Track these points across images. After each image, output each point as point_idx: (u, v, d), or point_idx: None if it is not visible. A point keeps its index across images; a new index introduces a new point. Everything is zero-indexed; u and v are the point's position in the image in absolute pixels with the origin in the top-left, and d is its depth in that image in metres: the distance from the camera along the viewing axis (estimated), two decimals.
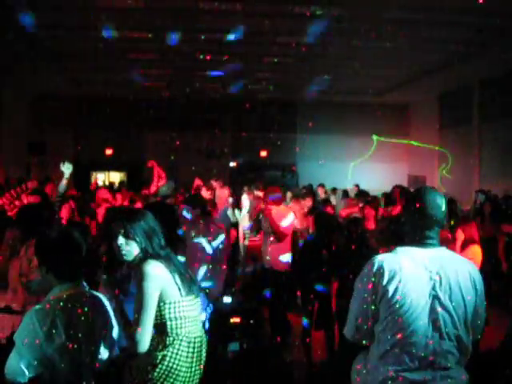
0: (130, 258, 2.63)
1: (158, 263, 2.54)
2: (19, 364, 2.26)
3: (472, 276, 2.27)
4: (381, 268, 2.20)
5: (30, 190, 5.96)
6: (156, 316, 2.51)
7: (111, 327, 2.56)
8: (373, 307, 2.20)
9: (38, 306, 2.35)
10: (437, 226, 2.30)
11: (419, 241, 2.29)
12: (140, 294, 2.46)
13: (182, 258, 3.36)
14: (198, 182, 8.73)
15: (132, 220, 2.65)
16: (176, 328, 2.53)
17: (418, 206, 2.29)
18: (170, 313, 2.53)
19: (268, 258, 5.87)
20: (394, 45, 11.02)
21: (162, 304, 2.51)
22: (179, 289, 2.57)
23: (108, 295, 2.64)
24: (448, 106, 16.95)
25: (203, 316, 3.70)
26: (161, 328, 2.53)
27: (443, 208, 2.31)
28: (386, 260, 2.23)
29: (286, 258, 5.87)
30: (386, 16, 9.42)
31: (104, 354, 2.49)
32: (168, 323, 2.52)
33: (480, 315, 2.28)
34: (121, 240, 2.61)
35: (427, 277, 2.20)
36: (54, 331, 2.27)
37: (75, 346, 2.30)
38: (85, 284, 2.52)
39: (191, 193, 7.79)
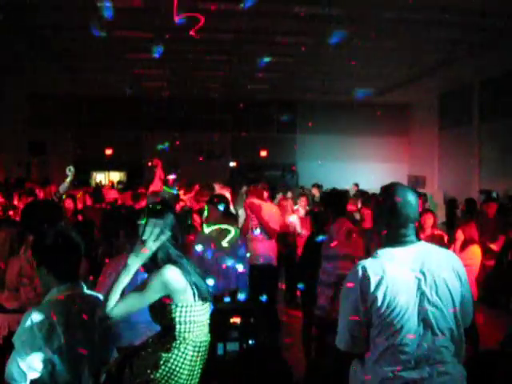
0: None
1: (174, 268, 2.51)
2: (19, 366, 2.25)
3: (454, 266, 2.26)
4: (365, 275, 2.17)
5: (26, 190, 5.96)
6: (165, 318, 2.49)
7: (110, 327, 2.55)
8: (363, 315, 2.18)
9: (36, 308, 2.34)
10: (411, 222, 2.27)
11: (397, 240, 2.25)
12: (144, 284, 2.42)
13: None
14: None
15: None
16: (184, 332, 2.51)
17: (388, 205, 2.26)
18: (180, 316, 2.49)
19: (265, 255, 5.97)
20: (394, 45, 11.03)
21: (173, 306, 2.48)
22: (194, 294, 2.54)
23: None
24: (448, 106, 16.94)
25: None
26: (169, 330, 2.50)
27: (415, 203, 2.28)
28: (369, 266, 2.19)
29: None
30: (386, 16, 9.43)
31: (104, 353, 2.49)
32: (177, 327, 2.49)
33: (467, 303, 2.28)
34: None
35: (412, 276, 2.19)
36: (52, 333, 2.26)
37: (74, 347, 2.30)
38: (83, 284, 2.52)
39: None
